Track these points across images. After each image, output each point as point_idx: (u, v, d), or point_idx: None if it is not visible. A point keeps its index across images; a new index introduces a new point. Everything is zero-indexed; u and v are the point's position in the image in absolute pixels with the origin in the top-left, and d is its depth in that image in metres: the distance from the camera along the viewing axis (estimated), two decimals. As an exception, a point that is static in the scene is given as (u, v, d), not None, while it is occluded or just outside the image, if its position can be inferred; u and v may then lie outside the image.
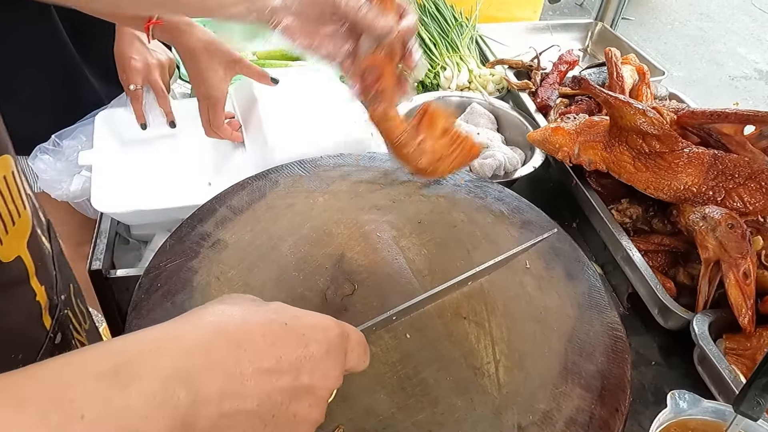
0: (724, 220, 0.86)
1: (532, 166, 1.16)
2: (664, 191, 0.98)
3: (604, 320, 0.75)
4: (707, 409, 0.68)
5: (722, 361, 0.78)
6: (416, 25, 0.69)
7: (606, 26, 1.80)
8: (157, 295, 0.72)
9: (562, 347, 0.71)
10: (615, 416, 0.64)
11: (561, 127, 1.10)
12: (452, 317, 0.73)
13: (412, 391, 0.65)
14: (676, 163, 0.97)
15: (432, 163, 0.79)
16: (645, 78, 1.31)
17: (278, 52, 1.53)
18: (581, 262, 0.83)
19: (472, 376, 0.67)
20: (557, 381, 0.67)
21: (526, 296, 0.77)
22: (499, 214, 0.90)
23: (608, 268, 1.06)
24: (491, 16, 1.77)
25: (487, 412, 0.63)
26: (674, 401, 0.68)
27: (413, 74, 0.72)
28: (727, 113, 0.98)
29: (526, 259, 0.82)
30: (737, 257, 0.85)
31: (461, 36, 1.57)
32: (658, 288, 0.90)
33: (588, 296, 0.78)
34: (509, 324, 0.73)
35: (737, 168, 0.95)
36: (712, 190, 0.95)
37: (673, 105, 1.16)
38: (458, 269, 0.80)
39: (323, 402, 0.44)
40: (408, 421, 0.62)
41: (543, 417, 0.63)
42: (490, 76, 1.46)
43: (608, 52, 1.29)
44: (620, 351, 0.71)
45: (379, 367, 0.67)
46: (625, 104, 1.01)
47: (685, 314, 0.86)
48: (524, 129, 1.26)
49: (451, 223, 0.87)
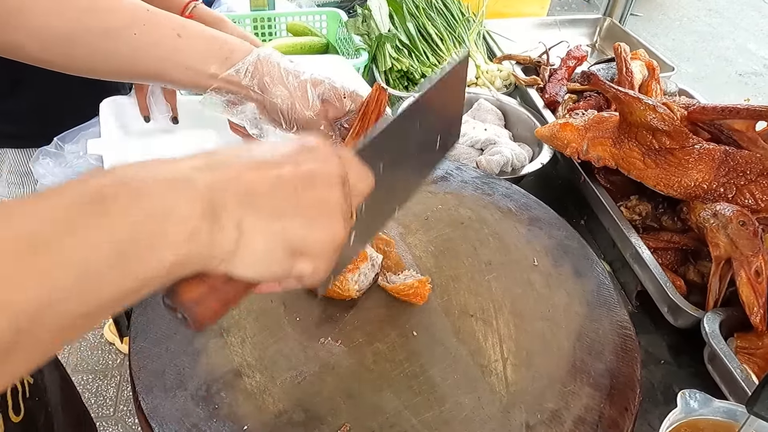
0: (735, 218, 0.85)
1: (540, 162, 1.15)
2: (674, 188, 0.97)
3: (613, 318, 0.74)
4: (718, 409, 0.67)
5: (733, 360, 0.77)
6: None
7: (615, 22, 1.78)
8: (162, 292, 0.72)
9: (570, 345, 0.70)
10: (624, 415, 0.64)
11: (569, 123, 1.09)
12: (459, 315, 0.73)
13: (419, 389, 0.64)
14: (687, 160, 0.96)
15: None
16: (654, 74, 1.30)
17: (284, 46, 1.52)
18: (590, 260, 0.82)
19: (480, 375, 0.66)
20: (566, 379, 0.67)
21: (534, 294, 0.76)
22: (506, 211, 0.89)
23: (617, 265, 1.05)
24: (498, 11, 1.76)
25: (495, 411, 0.63)
26: (685, 401, 0.67)
27: None
28: (738, 109, 0.96)
29: (534, 257, 0.82)
30: (749, 255, 0.83)
31: (468, 31, 1.56)
32: (667, 286, 0.89)
33: (597, 294, 0.77)
34: (517, 322, 0.73)
35: (749, 164, 0.93)
36: (723, 187, 0.94)
37: (683, 101, 1.15)
38: (465, 266, 0.79)
39: (337, 187, 0.43)
40: (415, 419, 0.61)
41: (551, 416, 0.63)
42: (498, 71, 1.44)
43: (617, 47, 1.28)
44: (629, 349, 0.71)
45: (386, 365, 0.66)
46: (634, 100, 1.00)
47: (695, 312, 0.85)
48: (532, 125, 1.25)
49: (458, 220, 0.86)
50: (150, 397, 0.61)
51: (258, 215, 0.39)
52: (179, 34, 0.71)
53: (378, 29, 1.49)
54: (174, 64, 0.72)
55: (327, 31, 1.65)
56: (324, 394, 0.63)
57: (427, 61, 1.45)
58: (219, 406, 0.61)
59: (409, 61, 1.43)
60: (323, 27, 1.65)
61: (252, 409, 0.61)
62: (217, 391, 0.62)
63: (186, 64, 0.72)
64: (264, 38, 1.61)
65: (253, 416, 0.60)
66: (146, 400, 0.61)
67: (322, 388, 0.64)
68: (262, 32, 1.60)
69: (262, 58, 0.73)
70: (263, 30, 1.60)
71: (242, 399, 0.62)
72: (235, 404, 0.61)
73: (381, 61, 1.43)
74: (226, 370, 0.64)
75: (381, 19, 1.50)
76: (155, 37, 0.71)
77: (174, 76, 0.73)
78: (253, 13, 1.57)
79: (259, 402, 0.62)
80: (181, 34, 0.71)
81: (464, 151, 1.20)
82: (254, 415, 0.60)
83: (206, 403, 0.61)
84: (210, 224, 0.36)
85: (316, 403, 0.62)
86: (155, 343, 0.66)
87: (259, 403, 0.62)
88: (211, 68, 0.72)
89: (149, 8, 0.71)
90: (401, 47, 1.47)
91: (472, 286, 0.76)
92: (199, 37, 0.73)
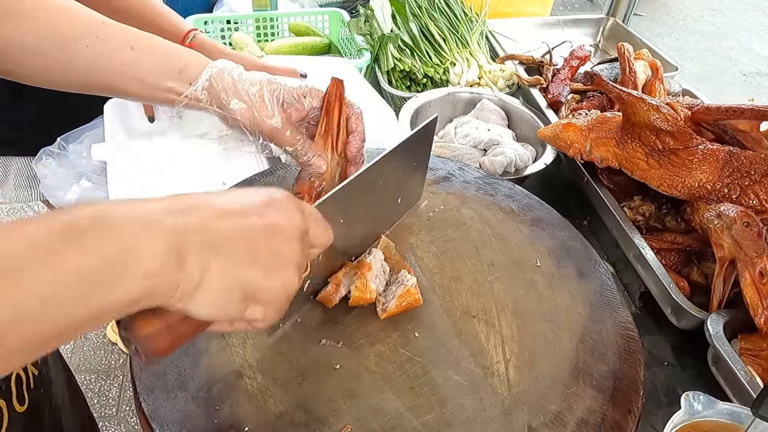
0: (739, 218, 0.84)
1: (543, 162, 1.14)
2: (678, 188, 0.96)
3: (616, 319, 0.74)
4: (722, 411, 0.66)
5: (737, 362, 0.77)
6: (361, 152, 0.77)
7: (618, 21, 1.77)
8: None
9: (573, 347, 0.70)
10: (627, 417, 0.63)
11: (572, 123, 1.09)
12: (461, 316, 0.72)
13: (421, 390, 0.64)
14: (690, 160, 0.95)
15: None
16: (658, 74, 1.29)
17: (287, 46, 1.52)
18: (593, 261, 0.82)
19: (482, 376, 0.66)
20: (568, 381, 0.66)
21: (537, 295, 0.76)
22: (509, 212, 0.89)
23: (620, 266, 1.04)
24: (501, 11, 1.76)
25: (497, 413, 0.62)
26: (688, 403, 0.66)
27: None
28: (743, 109, 0.96)
29: (537, 257, 0.81)
30: (753, 256, 0.83)
31: (471, 31, 1.56)
32: (671, 287, 0.88)
33: (600, 295, 0.77)
34: (519, 323, 0.72)
35: (753, 165, 0.93)
36: (727, 188, 0.93)
37: (686, 101, 1.14)
38: (468, 267, 0.79)
39: (296, 241, 0.46)
40: (416, 420, 0.61)
41: (554, 418, 0.62)
42: (501, 71, 1.44)
43: (621, 47, 1.27)
44: (633, 351, 0.70)
45: (387, 366, 0.66)
46: (638, 100, 0.99)
47: (699, 314, 0.85)
48: (535, 125, 1.25)
49: (461, 221, 0.86)
50: (151, 398, 0.61)
51: (219, 260, 0.41)
52: (132, 46, 0.71)
53: (380, 29, 1.49)
54: (127, 77, 0.72)
55: (329, 32, 1.65)
56: (325, 395, 0.63)
57: (430, 62, 1.45)
58: (220, 407, 0.61)
59: (412, 61, 1.42)
60: (325, 27, 1.65)
61: (253, 410, 0.61)
62: (218, 392, 0.62)
63: (139, 77, 0.72)
64: (266, 38, 1.61)
65: (254, 417, 0.60)
66: (147, 400, 0.61)
67: (324, 389, 0.63)
68: (264, 32, 1.60)
69: (214, 75, 0.72)
70: (265, 30, 1.60)
71: (243, 400, 0.62)
72: (236, 405, 0.61)
73: (383, 61, 1.43)
74: (227, 371, 0.64)
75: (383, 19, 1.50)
76: (108, 50, 0.71)
77: (129, 90, 0.73)
78: (255, 14, 1.57)
79: (260, 403, 0.62)
80: (134, 47, 0.71)
81: (467, 151, 1.19)
82: (255, 416, 0.60)
83: (207, 404, 0.61)
84: (174, 265, 0.38)
85: (317, 404, 0.62)
86: (156, 344, 0.66)
87: (260, 404, 0.61)
88: (168, 82, 0.72)
89: (104, 21, 0.71)
90: (404, 47, 1.47)
91: (475, 287, 0.76)
92: (152, 50, 0.73)
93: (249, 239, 0.43)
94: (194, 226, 0.41)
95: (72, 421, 0.81)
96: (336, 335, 0.69)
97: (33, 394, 0.68)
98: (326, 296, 0.71)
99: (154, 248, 0.37)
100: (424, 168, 0.84)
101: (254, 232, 0.44)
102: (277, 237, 0.45)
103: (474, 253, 0.81)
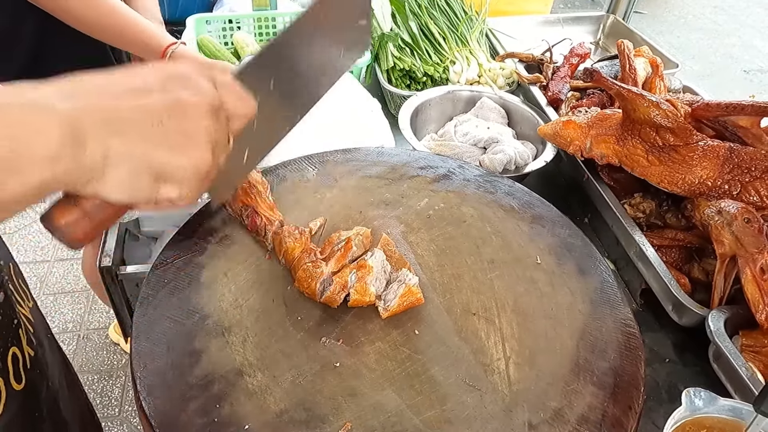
0: (740, 215, 0.84)
1: (543, 160, 1.14)
2: (679, 185, 0.96)
3: (617, 316, 0.74)
4: (724, 408, 0.66)
5: (739, 359, 0.77)
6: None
7: (618, 19, 1.77)
8: (164, 292, 0.72)
9: (573, 344, 0.70)
10: (628, 414, 0.63)
11: (572, 120, 1.09)
12: (462, 313, 0.72)
13: (421, 388, 0.64)
14: (691, 157, 0.95)
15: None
16: (658, 70, 1.29)
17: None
18: (593, 258, 0.82)
19: (482, 373, 0.66)
20: (569, 378, 0.66)
21: (537, 292, 0.76)
22: (509, 209, 0.89)
23: (621, 263, 1.04)
24: (501, 9, 1.75)
25: (497, 410, 0.62)
26: (689, 399, 0.66)
27: None
28: (743, 105, 0.96)
29: (537, 255, 0.81)
30: (754, 252, 0.83)
31: (471, 30, 1.56)
32: (672, 284, 0.88)
33: (600, 292, 0.77)
34: (520, 320, 0.72)
35: (754, 161, 0.92)
36: (727, 184, 0.93)
37: (687, 98, 1.14)
38: (468, 265, 0.79)
39: (206, 117, 0.45)
40: (417, 418, 0.61)
41: (554, 415, 0.62)
42: (500, 70, 1.44)
43: (621, 44, 1.27)
44: (633, 348, 0.70)
45: (388, 364, 0.66)
46: (638, 96, 0.99)
47: (700, 310, 0.85)
48: (535, 123, 1.25)
49: (461, 218, 0.86)
50: (151, 397, 0.61)
51: (121, 141, 0.41)
52: None
53: (380, 28, 1.49)
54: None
55: (329, 31, 1.65)
56: (325, 393, 0.63)
57: (430, 60, 1.45)
58: (220, 405, 0.61)
59: (412, 60, 1.42)
60: (325, 26, 1.64)
61: (253, 409, 0.61)
62: (218, 390, 0.62)
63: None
64: (266, 38, 1.61)
65: (254, 415, 0.60)
66: (147, 400, 0.61)
67: (324, 387, 0.63)
68: (265, 32, 1.60)
69: (176, 53, 0.76)
70: (266, 30, 1.60)
71: (244, 398, 0.62)
72: (236, 403, 0.61)
73: (383, 60, 1.43)
74: (228, 370, 0.64)
75: (383, 18, 1.50)
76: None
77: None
78: (255, 13, 1.57)
79: (261, 401, 0.62)
80: None
81: (467, 149, 1.19)
82: (256, 415, 0.60)
83: (208, 403, 0.61)
84: (73, 148, 0.38)
85: (317, 402, 0.62)
86: (156, 343, 0.66)
87: (260, 403, 0.61)
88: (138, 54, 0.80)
89: None
90: (403, 46, 1.47)
91: (475, 285, 0.76)
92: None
93: (151, 118, 0.42)
94: (91, 107, 0.40)
95: (70, 406, 0.82)
96: (336, 333, 0.69)
97: (30, 374, 0.69)
98: (331, 297, 0.70)
99: (49, 131, 0.37)
100: (367, 13, 0.75)
101: (156, 111, 0.43)
102: (183, 114, 0.44)
103: (474, 251, 0.81)
